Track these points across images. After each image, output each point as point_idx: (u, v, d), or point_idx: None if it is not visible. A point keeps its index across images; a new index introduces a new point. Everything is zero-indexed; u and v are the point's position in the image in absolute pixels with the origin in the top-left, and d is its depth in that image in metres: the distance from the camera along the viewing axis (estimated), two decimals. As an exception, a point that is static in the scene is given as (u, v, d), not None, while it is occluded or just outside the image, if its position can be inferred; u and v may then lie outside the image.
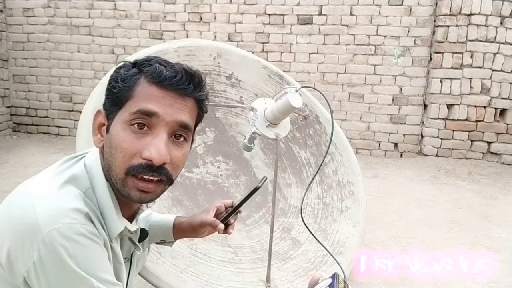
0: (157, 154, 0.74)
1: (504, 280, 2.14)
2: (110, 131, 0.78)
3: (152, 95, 0.76)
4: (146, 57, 0.81)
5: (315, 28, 4.69)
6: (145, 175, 0.75)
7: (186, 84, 0.78)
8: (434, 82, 4.41)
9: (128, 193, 0.76)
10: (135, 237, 0.91)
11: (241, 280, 1.65)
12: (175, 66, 0.79)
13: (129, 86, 0.77)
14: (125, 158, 0.75)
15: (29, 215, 0.68)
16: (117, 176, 0.76)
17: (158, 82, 0.76)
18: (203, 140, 2.14)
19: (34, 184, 0.76)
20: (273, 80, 2.24)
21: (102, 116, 0.81)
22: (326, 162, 2.15)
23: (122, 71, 0.79)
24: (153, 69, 0.77)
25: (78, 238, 0.68)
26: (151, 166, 0.75)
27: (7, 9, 5.27)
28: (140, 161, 0.74)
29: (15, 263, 0.69)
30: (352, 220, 2.04)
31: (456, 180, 3.91)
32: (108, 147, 0.77)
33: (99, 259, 0.71)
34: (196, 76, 0.80)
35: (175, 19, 4.94)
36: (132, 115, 0.75)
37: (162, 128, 0.76)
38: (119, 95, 0.77)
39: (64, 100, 5.33)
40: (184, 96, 0.79)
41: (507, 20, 4.22)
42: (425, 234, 2.68)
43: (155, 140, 0.75)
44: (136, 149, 0.75)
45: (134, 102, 0.76)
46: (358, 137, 4.77)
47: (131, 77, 0.78)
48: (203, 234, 1.09)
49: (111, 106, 0.79)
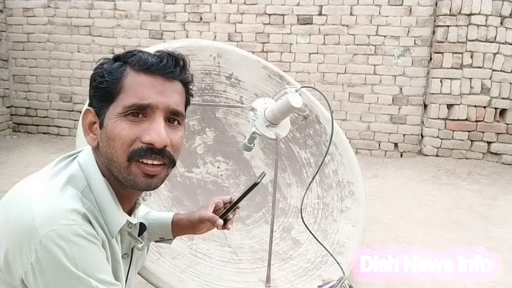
0: (158, 137, 0.75)
1: (504, 280, 2.14)
2: (104, 126, 0.78)
3: (142, 84, 0.77)
4: (127, 50, 0.82)
5: (315, 28, 4.69)
6: (147, 159, 0.76)
7: (173, 67, 0.79)
8: (434, 82, 4.41)
9: (134, 181, 0.77)
10: (134, 231, 0.91)
11: (241, 280, 1.65)
12: (158, 53, 0.80)
13: (116, 78, 0.77)
14: (125, 144, 0.75)
15: (27, 216, 0.68)
16: (120, 166, 0.76)
17: (145, 69, 0.77)
18: (203, 140, 2.14)
19: (30, 185, 0.76)
20: (273, 80, 2.24)
21: (91, 114, 0.81)
22: (326, 162, 2.15)
23: (106, 66, 0.80)
24: (138, 58, 0.78)
25: (75, 239, 0.68)
26: (152, 149, 0.76)
27: (7, 9, 5.27)
28: (141, 145, 0.76)
29: (13, 265, 0.69)
30: (352, 220, 2.04)
31: (456, 180, 3.91)
32: (105, 142, 0.78)
33: (97, 260, 0.71)
34: (180, 59, 0.82)
35: (175, 19, 4.94)
36: (126, 108, 0.76)
37: (157, 114, 0.77)
38: (108, 90, 0.78)
39: (64, 100, 5.33)
40: (172, 79, 0.80)
41: (507, 20, 4.22)
42: (425, 234, 2.68)
43: (153, 124, 0.76)
44: (135, 134, 0.76)
45: (126, 95, 0.76)
46: (358, 137, 4.77)
47: (117, 70, 0.78)
48: (202, 230, 1.09)
49: (101, 102, 0.79)
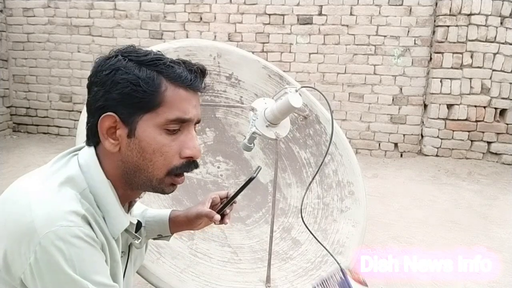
0: (198, 152, 0.81)
1: (504, 280, 2.14)
2: (137, 135, 0.76)
3: (182, 100, 0.79)
4: (153, 56, 0.78)
5: (315, 28, 4.69)
6: (188, 171, 0.82)
7: (201, 83, 0.83)
8: (434, 82, 4.41)
9: (162, 189, 0.82)
10: (131, 228, 0.91)
11: (241, 280, 1.65)
12: (188, 65, 0.81)
13: (155, 90, 0.76)
14: (167, 160, 0.79)
15: (26, 217, 0.68)
16: (154, 177, 0.80)
17: (186, 85, 0.79)
18: (203, 140, 2.14)
19: (29, 184, 0.75)
20: (273, 80, 2.24)
21: (114, 120, 0.77)
22: (326, 162, 2.15)
23: (140, 73, 0.75)
24: (174, 72, 0.78)
25: (74, 240, 0.68)
26: (193, 162, 0.82)
27: (7, 9, 5.27)
28: (181, 161, 0.81)
29: (12, 265, 0.69)
30: (352, 220, 2.04)
31: (456, 180, 3.91)
32: (136, 152, 0.77)
33: (95, 262, 0.71)
34: (206, 72, 0.85)
35: (175, 19, 4.94)
36: (169, 122, 0.78)
37: (191, 126, 0.82)
38: (145, 100, 0.75)
39: (64, 100, 5.33)
40: (198, 92, 0.84)
41: (507, 20, 4.22)
42: (425, 234, 2.68)
43: (188, 138, 0.81)
44: (175, 151, 0.80)
45: (169, 108, 0.77)
46: (358, 137, 4.77)
47: (154, 80, 0.76)
48: (199, 226, 1.09)
49: (131, 109, 0.76)
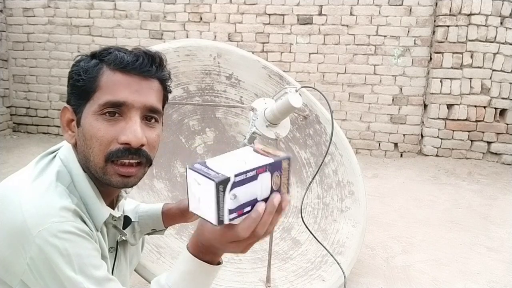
0: (134, 137, 0.76)
1: (504, 280, 2.14)
2: (81, 124, 0.79)
3: (118, 83, 0.77)
4: (103, 47, 0.82)
5: (315, 28, 4.69)
6: (124, 159, 0.77)
7: (149, 66, 0.80)
8: (434, 82, 4.41)
9: (109, 180, 0.78)
10: (119, 224, 0.92)
11: (241, 280, 1.65)
12: (134, 51, 0.81)
13: (92, 77, 0.78)
14: (102, 146, 0.76)
15: (18, 217, 0.68)
16: (96, 166, 0.77)
17: (121, 68, 0.77)
18: (203, 140, 2.14)
19: (18, 184, 0.75)
20: (273, 80, 2.24)
21: (69, 112, 0.81)
22: (326, 162, 2.15)
23: (82, 63, 0.80)
24: (114, 56, 0.78)
25: (68, 236, 0.68)
26: (129, 149, 0.77)
27: (7, 9, 5.27)
28: (118, 146, 0.76)
29: (10, 266, 0.69)
30: (352, 220, 2.04)
31: (456, 180, 3.91)
32: (82, 140, 0.78)
33: (91, 255, 0.71)
34: (157, 57, 0.82)
35: (175, 19, 4.93)
36: (101, 106, 0.76)
37: (133, 113, 0.78)
38: (84, 88, 0.78)
39: (64, 100, 5.29)
40: (149, 78, 0.80)
41: (507, 20, 4.22)
42: (425, 234, 2.68)
43: (129, 124, 0.77)
44: (112, 136, 0.76)
45: (102, 93, 0.77)
46: (358, 137, 4.77)
47: (93, 68, 0.78)
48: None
49: (78, 100, 0.79)
